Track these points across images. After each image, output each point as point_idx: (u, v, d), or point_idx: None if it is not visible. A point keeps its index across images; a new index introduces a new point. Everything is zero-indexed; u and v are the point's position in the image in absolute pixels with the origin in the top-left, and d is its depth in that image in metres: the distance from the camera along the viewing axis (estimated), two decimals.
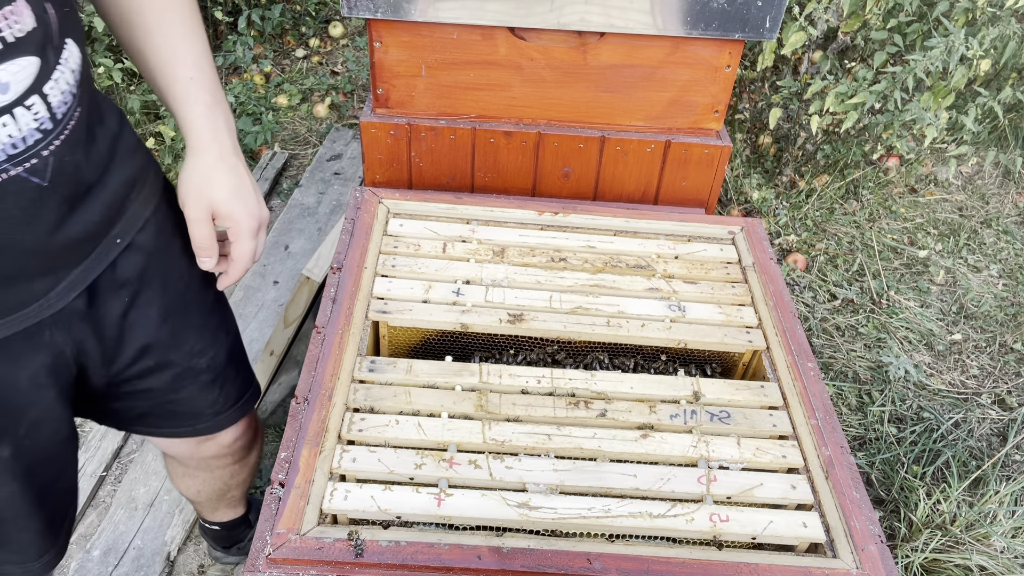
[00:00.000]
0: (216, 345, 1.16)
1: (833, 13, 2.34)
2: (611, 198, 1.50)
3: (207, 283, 1.13)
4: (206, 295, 1.14)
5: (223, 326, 1.18)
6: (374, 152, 1.46)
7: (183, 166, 0.98)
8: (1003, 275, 2.70)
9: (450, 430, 0.96)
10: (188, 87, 0.95)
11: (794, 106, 2.59)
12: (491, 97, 1.41)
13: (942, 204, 2.96)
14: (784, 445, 0.99)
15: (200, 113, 0.96)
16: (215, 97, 0.98)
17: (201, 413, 1.20)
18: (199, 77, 0.96)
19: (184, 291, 1.09)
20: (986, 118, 3.02)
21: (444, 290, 1.16)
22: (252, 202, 0.99)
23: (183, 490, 1.49)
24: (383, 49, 1.36)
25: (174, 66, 0.95)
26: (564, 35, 1.34)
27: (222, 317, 1.19)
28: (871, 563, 0.86)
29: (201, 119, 0.96)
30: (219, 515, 1.61)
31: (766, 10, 1.30)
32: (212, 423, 1.22)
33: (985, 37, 2.16)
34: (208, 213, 0.97)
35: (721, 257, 1.29)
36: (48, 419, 1.00)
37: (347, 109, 3.19)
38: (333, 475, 0.91)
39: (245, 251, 1.00)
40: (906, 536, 1.78)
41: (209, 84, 0.97)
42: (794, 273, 2.57)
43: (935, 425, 2.11)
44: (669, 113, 1.43)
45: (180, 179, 0.98)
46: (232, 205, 0.97)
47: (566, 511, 0.88)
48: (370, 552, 0.82)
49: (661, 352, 1.18)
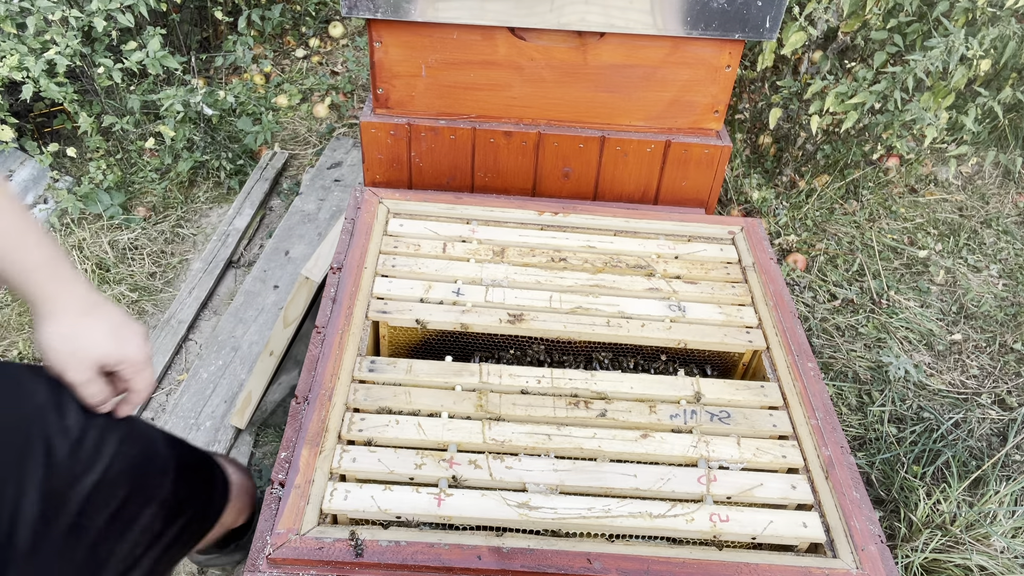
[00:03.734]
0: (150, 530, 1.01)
1: (833, 13, 2.34)
2: (611, 198, 1.50)
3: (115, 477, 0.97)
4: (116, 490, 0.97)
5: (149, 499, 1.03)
6: (374, 152, 1.46)
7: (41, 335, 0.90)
8: (1003, 275, 2.70)
9: (450, 430, 0.96)
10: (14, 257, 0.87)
11: (794, 106, 2.60)
12: (491, 97, 1.41)
13: (942, 204, 2.96)
14: (784, 445, 0.99)
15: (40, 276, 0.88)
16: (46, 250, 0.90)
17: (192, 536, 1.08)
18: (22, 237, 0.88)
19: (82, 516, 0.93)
20: (986, 118, 3.02)
21: (444, 290, 1.16)
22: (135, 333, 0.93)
23: None
24: (383, 49, 1.36)
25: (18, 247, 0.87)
26: (564, 35, 1.34)
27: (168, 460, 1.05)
28: (871, 563, 0.86)
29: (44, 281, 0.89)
30: None
31: (766, 10, 1.30)
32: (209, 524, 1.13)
33: (985, 37, 2.16)
34: (94, 371, 0.91)
35: (721, 257, 1.29)
36: None
37: (347, 109, 3.19)
38: (333, 475, 0.91)
39: (146, 382, 0.95)
40: (906, 536, 1.78)
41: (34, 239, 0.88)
42: (794, 273, 2.57)
43: (935, 425, 2.11)
44: (669, 113, 1.43)
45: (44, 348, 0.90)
46: (118, 347, 0.91)
47: (566, 511, 0.88)
48: (370, 552, 0.82)
49: (661, 352, 1.18)
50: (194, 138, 2.66)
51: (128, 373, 0.93)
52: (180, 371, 2.25)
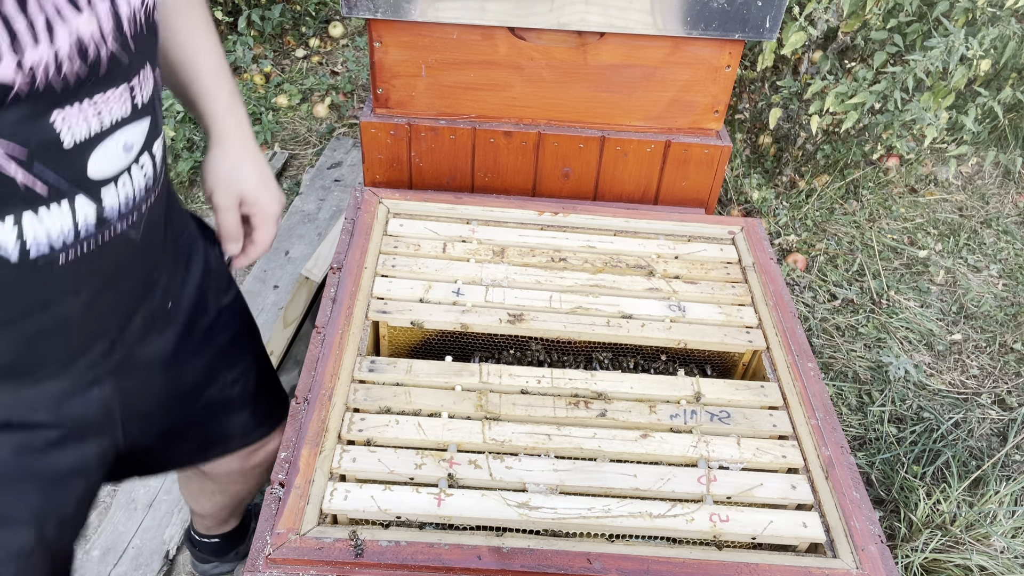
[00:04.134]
0: (247, 373, 1.16)
1: (833, 13, 2.34)
2: (611, 198, 1.50)
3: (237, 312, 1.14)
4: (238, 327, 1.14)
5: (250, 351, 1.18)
6: (374, 152, 1.46)
7: (207, 157, 1.01)
8: (1003, 275, 2.70)
9: (450, 430, 0.96)
10: (212, 81, 0.98)
11: (794, 106, 2.60)
12: (491, 97, 1.41)
13: (942, 204, 2.96)
14: (784, 445, 0.99)
15: (224, 105, 0.99)
16: (234, 90, 1.01)
17: (232, 435, 1.20)
18: (220, 71, 0.99)
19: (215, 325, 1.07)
20: (986, 118, 3.02)
21: (444, 290, 1.16)
22: (276, 189, 1.03)
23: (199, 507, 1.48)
24: (383, 49, 1.36)
25: (196, 62, 0.97)
26: (564, 35, 1.34)
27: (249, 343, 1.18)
28: (871, 563, 0.86)
29: (225, 110, 0.99)
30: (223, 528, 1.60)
31: (766, 10, 1.30)
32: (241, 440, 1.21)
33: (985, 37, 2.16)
34: (236, 201, 1.01)
35: (721, 257, 1.29)
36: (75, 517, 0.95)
37: (347, 109, 3.19)
38: (333, 475, 0.91)
39: (268, 235, 1.04)
40: (906, 536, 1.78)
41: (228, 78, 1.00)
42: (794, 273, 2.57)
43: (935, 425, 2.11)
44: (669, 113, 1.43)
45: (206, 169, 1.01)
46: (260, 192, 1.01)
47: (566, 511, 0.88)
48: (370, 552, 0.82)
49: (661, 352, 1.18)
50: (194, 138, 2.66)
51: (258, 220, 1.03)
52: None
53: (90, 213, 0.74)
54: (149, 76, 0.77)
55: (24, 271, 0.71)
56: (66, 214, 0.72)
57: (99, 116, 0.71)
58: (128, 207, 0.79)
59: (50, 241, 0.72)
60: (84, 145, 0.70)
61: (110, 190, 0.75)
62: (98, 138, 0.71)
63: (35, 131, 0.66)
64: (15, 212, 0.68)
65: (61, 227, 0.72)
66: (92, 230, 0.75)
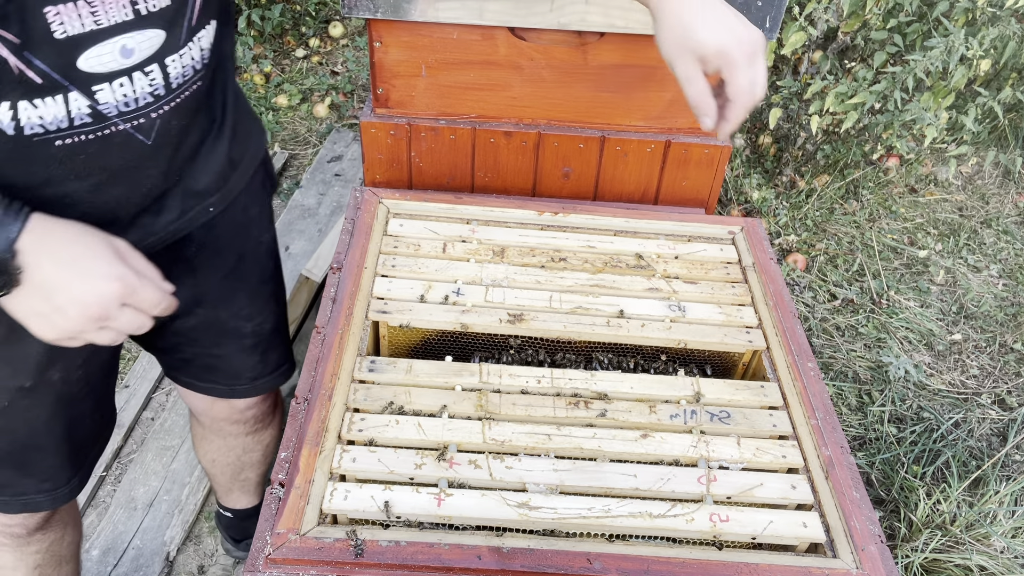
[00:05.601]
0: (264, 313, 1.23)
1: (833, 13, 2.34)
2: (611, 198, 1.50)
3: (270, 254, 1.21)
4: (266, 265, 1.22)
5: (274, 297, 1.25)
6: (374, 152, 1.46)
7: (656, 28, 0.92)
8: (1003, 275, 2.70)
9: (450, 430, 0.96)
10: None
11: (794, 106, 2.60)
12: (491, 97, 1.41)
13: (942, 204, 2.96)
14: (784, 445, 0.99)
15: None
16: None
17: (240, 375, 1.28)
18: None
19: (246, 257, 1.15)
20: (986, 118, 3.02)
21: (444, 290, 1.16)
22: (738, 27, 0.89)
23: (201, 458, 1.55)
24: (383, 49, 1.36)
25: None
26: (564, 35, 1.34)
27: (275, 290, 1.26)
28: (871, 563, 0.86)
29: None
30: (233, 499, 1.63)
31: (766, 10, 1.30)
32: (249, 387, 1.29)
33: (985, 37, 2.16)
34: (695, 67, 0.90)
35: (721, 257, 1.29)
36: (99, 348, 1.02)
37: (347, 109, 3.19)
38: (333, 475, 0.91)
39: (740, 84, 0.90)
40: (906, 536, 1.78)
41: None
42: (794, 273, 2.58)
43: (935, 425, 2.11)
44: (669, 113, 1.43)
45: (659, 41, 0.92)
46: (716, 38, 0.88)
47: (566, 511, 0.88)
48: (370, 552, 0.82)
49: (661, 352, 1.18)
50: None
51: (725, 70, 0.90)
52: None
53: (83, 106, 0.80)
54: None
55: (20, 145, 0.78)
56: (60, 104, 0.78)
57: (94, 15, 0.75)
58: (130, 109, 0.84)
59: (44, 124, 0.78)
60: (76, 39, 0.75)
61: (105, 89, 0.80)
62: (92, 36, 0.76)
63: (27, 20, 0.71)
64: (11, 98, 0.75)
65: (55, 114, 0.78)
66: (88, 121, 0.81)
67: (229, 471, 1.53)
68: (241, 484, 1.58)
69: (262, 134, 1.17)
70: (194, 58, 0.89)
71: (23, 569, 1.22)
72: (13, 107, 0.75)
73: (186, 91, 0.90)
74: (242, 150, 1.08)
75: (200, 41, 0.88)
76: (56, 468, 1.10)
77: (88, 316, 0.76)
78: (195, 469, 1.93)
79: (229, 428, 1.41)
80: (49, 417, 1.04)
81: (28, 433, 1.04)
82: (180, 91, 0.89)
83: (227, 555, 1.76)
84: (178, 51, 0.85)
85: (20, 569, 1.22)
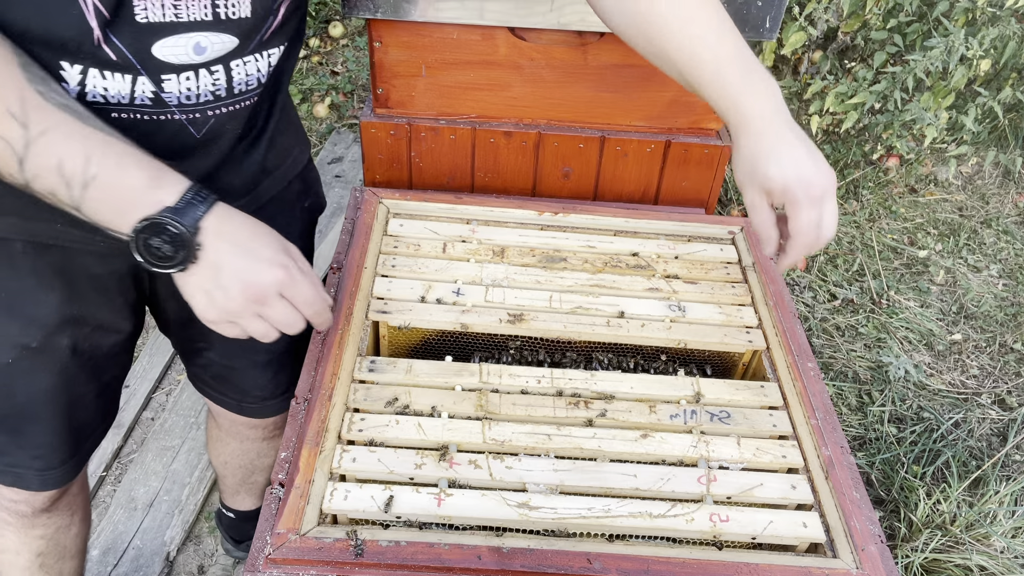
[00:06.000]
0: None
1: (833, 13, 2.34)
2: (611, 198, 1.50)
3: None
4: None
5: None
6: (374, 152, 1.46)
7: (732, 152, 0.93)
8: (1003, 275, 2.70)
9: (450, 430, 0.96)
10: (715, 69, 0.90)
11: (794, 106, 2.60)
12: (491, 97, 1.41)
13: (942, 204, 2.96)
14: (784, 445, 0.99)
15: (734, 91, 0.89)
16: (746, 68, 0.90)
17: (249, 392, 1.31)
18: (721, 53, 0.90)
19: None
20: (986, 118, 3.02)
21: (444, 290, 1.16)
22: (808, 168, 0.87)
23: (213, 458, 1.57)
24: (383, 49, 1.36)
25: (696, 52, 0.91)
26: (564, 35, 1.34)
27: None
28: (871, 563, 0.86)
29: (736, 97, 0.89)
30: (239, 501, 1.64)
31: (766, 10, 1.30)
32: (258, 407, 1.31)
33: (985, 37, 2.16)
34: (761, 197, 0.91)
35: (721, 257, 1.29)
36: (113, 326, 1.08)
37: (347, 109, 3.19)
38: (333, 475, 0.91)
39: (801, 224, 0.88)
40: (906, 536, 1.78)
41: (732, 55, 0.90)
42: (794, 273, 2.58)
43: (935, 425, 2.11)
44: (669, 113, 1.43)
45: (732, 165, 0.94)
46: (783, 177, 0.87)
47: (566, 511, 0.88)
48: (370, 552, 0.82)
49: (661, 352, 1.18)
50: None
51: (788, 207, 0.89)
52: (180, 371, 2.25)
53: (148, 90, 0.85)
54: (246, 5, 0.85)
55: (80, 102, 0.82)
56: (127, 83, 0.84)
57: (175, 8, 0.81)
58: (190, 103, 0.89)
59: (106, 95, 0.84)
60: (155, 27, 0.81)
61: (172, 79, 0.86)
62: (170, 27, 0.82)
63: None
64: (85, 64, 0.80)
65: (119, 90, 0.84)
66: (148, 104, 0.86)
67: (240, 473, 1.54)
68: (249, 487, 1.59)
69: (304, 149, 1.21)
70: (260, 70, 0.94)
71: (26, 554, 1.23)
72: (84, 72, 0.81)
73: (246, 99, 0.96)
74: (278, 160, 1.12)
75: (268, 57, 0.94)
76: (49, 446, 1.10)
77: (247, 296, 0.81)
78: (195, 469, 1.93)
79: (248, 432, 1.42)
80: (50, 388, 1.05)
81: (26, 399, 1.05)
82: (240, 98, 0.94)
83: (227, 555, 1.76)
84: (244, 59, 0.91)
85: (23, 554, 1.23)
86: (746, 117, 0.89)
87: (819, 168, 0.88)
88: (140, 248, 0.77)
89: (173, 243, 0.77)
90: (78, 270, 1.00)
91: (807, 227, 0.88)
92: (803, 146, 0.88)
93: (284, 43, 0.97)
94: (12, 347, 1.00)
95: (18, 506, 1.17)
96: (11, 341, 1.00)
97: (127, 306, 1.09)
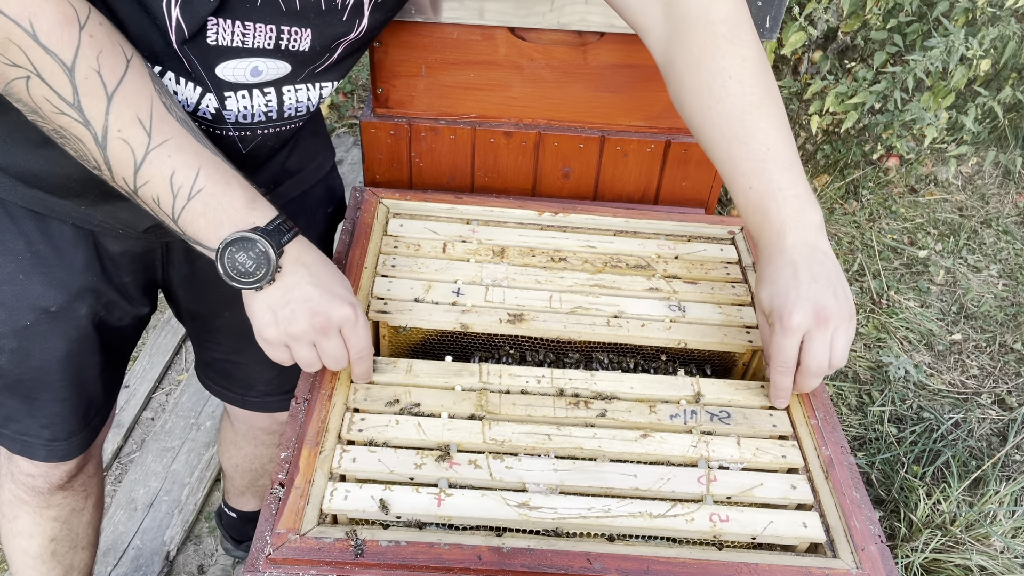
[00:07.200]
0: None
1: (833, 13, 2.34)
2: (611, 198, 1.50)
3: None
4: None
5: None
6: (374, 152, 1.46)
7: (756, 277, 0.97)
8: (1003, 275, 2.70)
9: (450, 430, 0.96)
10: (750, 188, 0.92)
11: (794, 106, 2.60)
12: (491, 97, 1.41)
13: (942, 204, 2.96)
14: (784, 445, 0.99)
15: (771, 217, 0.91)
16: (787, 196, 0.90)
17: (253, 386, 1.31)
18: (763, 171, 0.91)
19: None
20: (986, 118, 3.02)
21: (444, 290, 1.16)
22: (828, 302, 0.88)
23: (224, 459, 1.58)
24: (383, 49, 1.36)
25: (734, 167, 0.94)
26: (564, 35, 1.34)
27: None
28: (871, 563, 0.86)
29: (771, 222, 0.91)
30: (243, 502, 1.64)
31: (766, 10, 1.30)
32: (260, 401, 1.31)
33: (985, 37, 2.16)
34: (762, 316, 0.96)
35: (721, 257, 1.29)
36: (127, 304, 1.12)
37: (347, 109, 3.19)
38: (333, 475, 0.91)
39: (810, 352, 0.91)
40: (906, 536, 1.78)
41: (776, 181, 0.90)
42: None
43: (935, 425, 2.11)
44: (669, 113, 1.43)
45: (755, 289, 0.97)
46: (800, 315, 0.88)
47: (566, 511, 0.88)
48: (370, 552, 0.82)
49: (661, 352, 1.18)
50: None
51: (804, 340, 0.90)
52: (180, 371, 2.25)
53: (211, 106, 0.92)
54: (305, 37, 0.91)
55: None
56: (195, 93, 0.90)
57: (243, 36, 0.87)
58: (245, 121, 0.96)
59: None
60: (221, 49, 0.88)
61: (232, 97, 0.92)
62: (235, 51, 0.88)
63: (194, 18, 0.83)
64: (167, 67, 0.87)
65: (187, 97, 0.90)
66: (208, 118, 0.93)
67: (249, 476, 1.55)
68: (256, 489, 1.59)
69: (329, 156, 1.27)
70: (310, 98, 1.00)
71: (39, 538, 1.24)
72: (163, 73, 0.88)
73: (294, 123, 1.02)
74: (300, 163, 1.17)
75: (320, 88, 1.01)
76: (59, 416, 1.13)
77: (312, 324, 0.86)
78: (195, 470, 1.94)
79: (264, 437, 1.44)
80: (64, 355, 1.08)
81: (41, 364, 1.07)
82: (289, 121, 1.01)
83: (227, 555, 1.76)
84: (295, 85, 0.97)
85: (36, 538, 1.24)
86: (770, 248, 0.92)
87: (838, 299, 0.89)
88: (225, 261, 0.82)
89: (257, 260, 0.83)
90: (99, 247, 1.05)
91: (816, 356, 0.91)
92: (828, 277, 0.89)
93: (338, 79, 1.03)
94: (32, 309, 1.03)
95: (35, 481, 1.19)
96: (32, 303, 1.03)
97: (139, 287, 1.13)
